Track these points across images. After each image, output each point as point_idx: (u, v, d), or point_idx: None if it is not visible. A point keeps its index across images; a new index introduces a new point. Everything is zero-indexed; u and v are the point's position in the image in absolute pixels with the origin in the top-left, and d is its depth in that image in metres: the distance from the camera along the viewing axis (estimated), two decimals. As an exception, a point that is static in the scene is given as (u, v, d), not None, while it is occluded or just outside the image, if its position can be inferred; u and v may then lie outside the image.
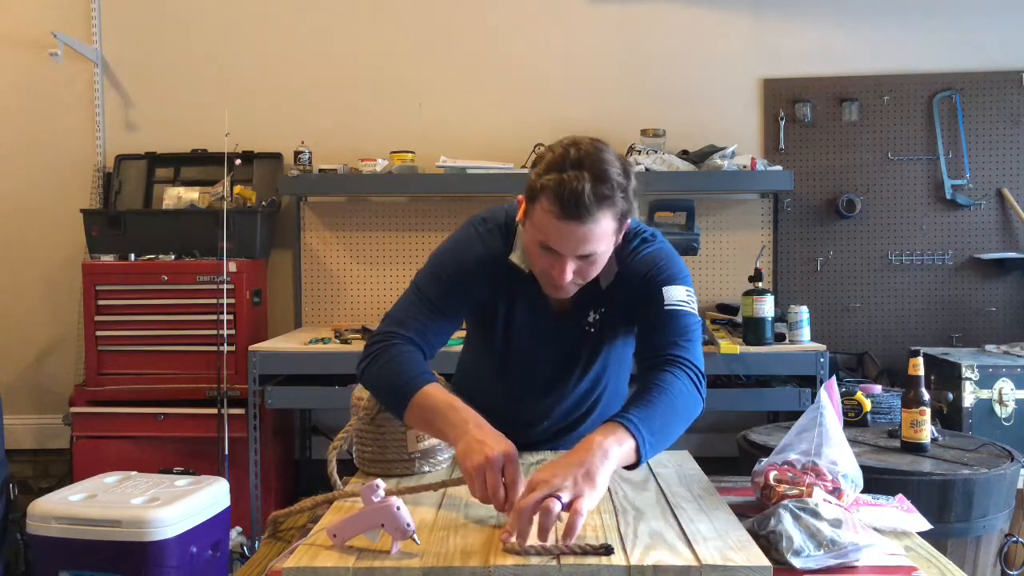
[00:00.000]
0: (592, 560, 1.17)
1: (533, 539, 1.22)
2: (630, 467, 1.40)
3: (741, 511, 1.41)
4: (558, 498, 1.24)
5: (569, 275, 1.54)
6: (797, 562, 1.23)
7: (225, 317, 3.46)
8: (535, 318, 1.72)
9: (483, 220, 1.73)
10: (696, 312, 1.64)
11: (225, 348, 3.45)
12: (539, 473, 1.30)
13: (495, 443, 1.37)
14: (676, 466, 1.68)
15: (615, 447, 1.34)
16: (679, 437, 1.50)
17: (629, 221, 1.60)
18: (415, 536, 1.22)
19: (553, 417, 1.83)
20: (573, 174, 1.46)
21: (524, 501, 1.25)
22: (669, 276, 1.64)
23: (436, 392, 1.51)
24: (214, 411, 3.43)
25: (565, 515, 1.25)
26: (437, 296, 1.66)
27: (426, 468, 1.67)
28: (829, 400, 1.55)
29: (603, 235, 1.50)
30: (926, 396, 2.32)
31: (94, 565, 2.50)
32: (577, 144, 1.50)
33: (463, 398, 1.52)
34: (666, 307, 1.60)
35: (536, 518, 1.23)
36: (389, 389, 1.56)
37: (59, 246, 4.00)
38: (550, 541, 1.21)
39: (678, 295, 1.61)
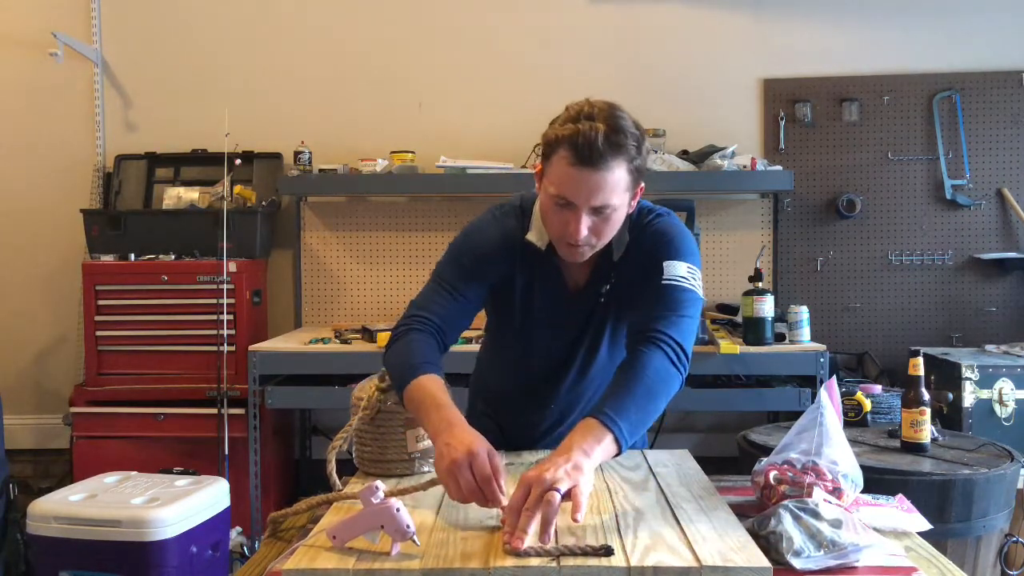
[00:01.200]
0: (592, 561, 1.16)
1: (532, 540, 1.22)
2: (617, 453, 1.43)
3: (741, 511, 1.41)
4: (556, 490, 1.26)
5: (584, 230, 1.55)
6: (797, 563, 1.23)
7: (225, 317, 3.47)
8: (552, 295, 1.75)
9: (500, 206, 1.79)
10: (696, 289, 1.64)
11: (225, 348, 3.45)
12: (529, 472, 1.31)
13: (460, 443, 1.37)
14: (676, 466, 1.68)
15: (595, 446, 1.37)
16: (661, 412, 1.52)
17: (643, 186, 1.63)
18: (415, 537, 1.22)
19: (564, 399, 1.84)
20: (588, 124, 1.51)
21: (529, 501, 1.26)
22: (673, 251, 1.65)
23: (428, 385, 1.52)
24: (214, 411, 3.44)
25: (566, 505, 1.27)
26: (456, 279, 1.70)
27: (426, 468, 1.67)
28: (829, 400, 1.55)
29: (617, 186, 1.53)
30: (926, 396, 2.32)
31: (94, 565, 2.50)
32: (591, 102, 1.56)
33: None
34: (663, 281, 1.62)
35: (538, 515, 1.24)
36: (395, 374, 1.60)
37: (59, 246, 4.01)
38: (549, 543, 1.21)
39: (678, 271, 1.63)
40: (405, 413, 1.62)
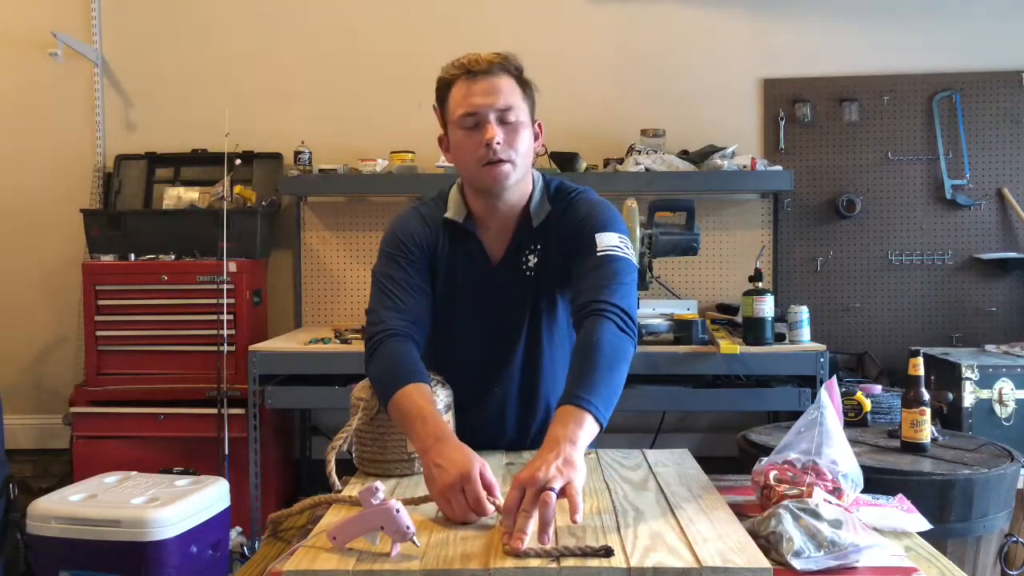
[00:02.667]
0: (592, 562, 1.16)
1: (532, 540, 1.22)
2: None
3: (741, 511, 1.41)
4: (551, 489, 1.26)
5: (498, 135, 1.64)
6: (797, 563, 1.23)
7: (225, 317, 3.47)
8: (474, 268, 1.77)
9: (419, 199, 1.87)
10: (630, 256, 1.69)
11: (225, 348, 3.45)
12: (522, 473, 1.31)
13: (451, 464, 1.38)
14: (676, 466, 1.68)
15: (578, 431, 1.40)
16: (624, 381, 1.55)
17: (542, 123, 1.77)
18: (415, 538, 1.22)
19: (504, 383, 1.82)
20: (470, 54, 1.70)
21: (525, 502, 1.26)
22: (602, 223, 1.71)
23: (413, 394, 1.55)
24: (214, 411, 3.44)
25: (563, 504, 1.27)
26: (398, 271, 1.73)
27: (426, 469, 1.66)
28: (829, 400, 1.55)
29: (513, 92, 1.68)
30: (926, 396, 2.32)
31: (94, 565, 2.50)
32: None
33: None
34: (598, 253, 1.66)
35: (536, 514, 1.24)
36: (379, 388, 1.62)
37: (59, 246, 4.00)
38: (549, 543, 1.21)
39: (611, 241, 1.68)
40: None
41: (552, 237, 1.75)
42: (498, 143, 1.64)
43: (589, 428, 1.42)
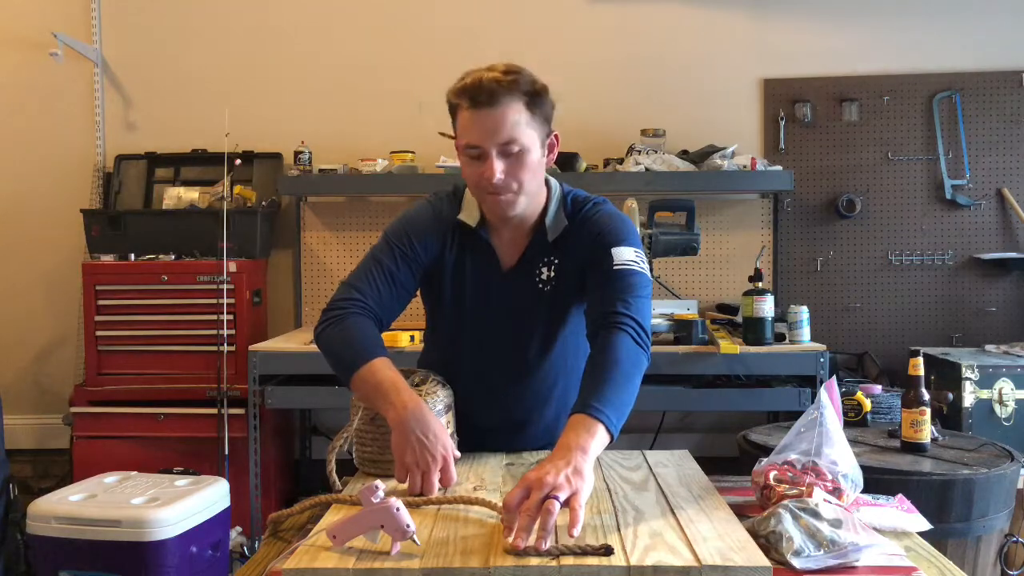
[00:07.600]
0: (592, 561, 1.17)
1: (531, 542, 1.22)
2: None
3: (741, 511, 1.41)
4: (555, 498, 1.27)
5: (498, 171, 1.61)
6: (797, 562, 1.23)
7: (225, 317, 3.47)
8: (484, 273, 1.77)
9: (434, 193, 1.84)
10: (645, 271, 1.70)
11: (225, 348, 3.45)
12: (531, 474, 1.32)
13: (436, 443, 1.49)
14: (676, 466, 1.68)
15: (590, 440, 1.41)
16: (637, 393, 1.55)
17: (557, 134, 1.72)
18: (415, 537, 1.22)
19: (513, 392, 1.82)
20: (480, 71, 1.63)
21: (527, 503, 1.26)
22: (618, 238, 1.71)
23: (383, 368, 1.58)
24: (214, 411, 3.44)
25: (564, 510, 1.28)
26: (391, 262, 1.73)
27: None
28: (829, 400, 1.55)
29: (517, 123, 1.60)
30: (926, 396, 2.33)
31: (94, 565, 2.51)
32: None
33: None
34: (614, 267, 1.67)
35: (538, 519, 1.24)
36: (341, 356, 1.63)
37: (59, 246, 4.01)
38: (548, 543, 1.21)
39: (626, 255, 1.68)
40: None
41: (568, 251, 1.74)
42: (499, 179, 1.62)
43: (600, 438, 1.42)
